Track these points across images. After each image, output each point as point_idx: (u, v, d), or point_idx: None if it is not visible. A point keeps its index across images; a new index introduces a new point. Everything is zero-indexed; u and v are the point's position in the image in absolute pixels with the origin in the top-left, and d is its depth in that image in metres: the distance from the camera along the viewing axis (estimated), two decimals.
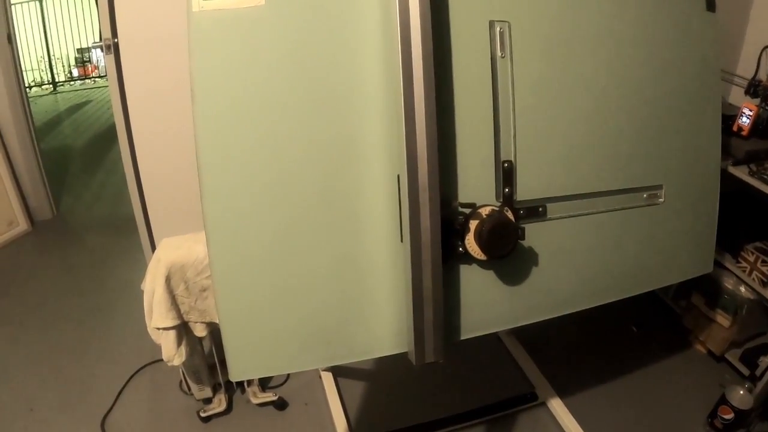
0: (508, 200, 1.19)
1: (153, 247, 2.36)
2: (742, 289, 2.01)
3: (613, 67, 1.29)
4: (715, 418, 1.86)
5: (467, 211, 1.15)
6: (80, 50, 6.84)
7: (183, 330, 1.68)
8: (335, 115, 1.07)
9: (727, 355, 2.10)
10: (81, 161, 4.36)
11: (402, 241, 1.10)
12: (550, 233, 1.27)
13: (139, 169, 1.79)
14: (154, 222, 1.85)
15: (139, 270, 2.58)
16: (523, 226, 1.17)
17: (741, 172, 1.82)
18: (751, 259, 1.95)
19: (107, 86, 6.76)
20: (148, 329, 1.69)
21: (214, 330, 1.73)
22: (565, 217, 1.28)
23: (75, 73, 6.94)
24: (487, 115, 1.15)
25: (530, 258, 1.26)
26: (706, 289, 2.12)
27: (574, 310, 1.36)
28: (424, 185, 1.04)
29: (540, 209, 1.24)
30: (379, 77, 1.06)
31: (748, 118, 1.89)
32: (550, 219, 1.26)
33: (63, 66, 6.88)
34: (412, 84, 1.01)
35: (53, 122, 5.43)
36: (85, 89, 6.70)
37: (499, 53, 1.14)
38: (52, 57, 6.66)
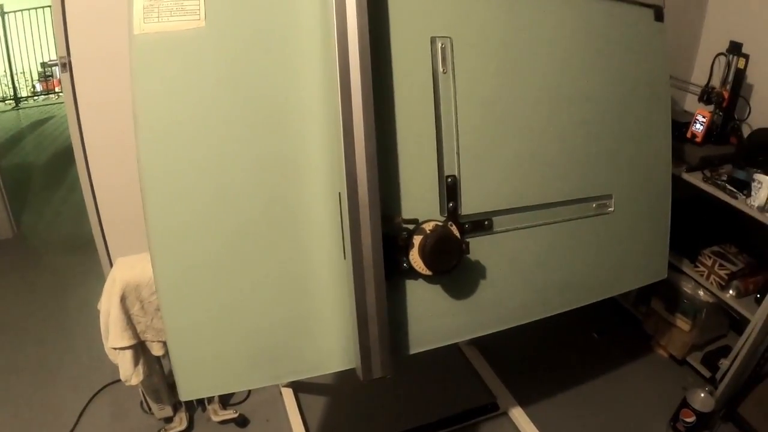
0: (452, 215, 1.19)
1: (111, 267, 2.34)
2: (701, 293, 2.03)
3: (560, 79, 1.31)
4: (677, 422, 1.88)
5: (411, 226, 1.15)
6: (43, 64, 6.73)
7: (140, 349, 1.66)
8: (277, 134, 1.07)
9: (688, 359, 2.13)
10: (42, 178, 4.30)
11: (345, 258, 1.10)
12: (498, 246, 1.28)
13: (94, 189, 1.77)
14: (110, 241, 1.83)
15: (100, 290, 2.57)
16: (468, 240, 1.17)
17: (695, 179, 1.85)
18: (709, 263, 1.98)
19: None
20: (105, 349, 1.67)
21: None
22: (512, 230, 1.29)
23: (38, 87, 6.85)
24: (430, 130, 1.16)
25: (478, 271, 1.27)
26: (665, 294, 2.15)
27: (525, 321, 1.37)
28: (365, 202, 1.04)
29: (486, 223, 1.25)
30: (319, 95, 1.07)
31: (701, 124, 1.92)
32: (497, 232, 1.27)
33: (26, 81, 6.77)
34: (350, 101, 1.01)
35: (14, 139, 5.35)
36: (48, 105, 6.61)
37: (440, 69, 1.15)
38: (14, 72, 6.56)
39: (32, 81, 6.83)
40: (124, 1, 1.52)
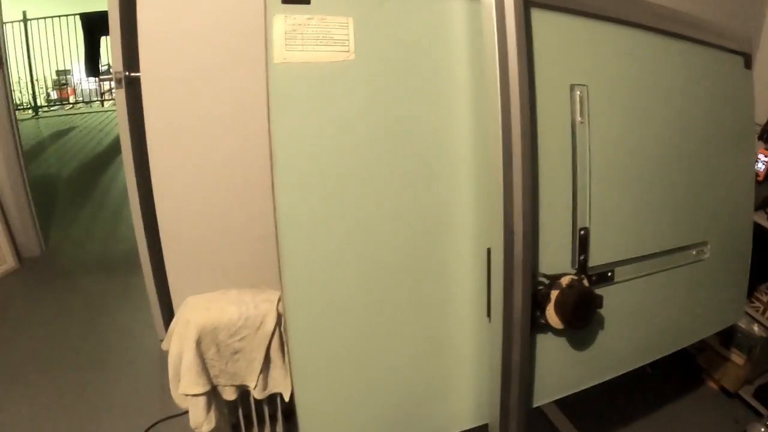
0: (583, 268, 1.17)
1: (162, 298, 2.24)
2: (756, 327, 2.06)
3: (673, 127, 1.30)
4: None
5: (546, 281, 1.12)
6: (59, 72, 6.52)
7: (212, 395, 1.59)
8: (426, 182, 1.02)
9: (741, 392, 2.15)
10: (68, 193, 4.12)
11: (489, 317, 1.06)
12: (615, 296, 1.26)
13: (158, 215, 1.67)
14: (172, 274, 1.73)
15: (139, 316, 2.45)
16: (601, 294, 1.15)
17: (760, 218, 1.87)
18: (765, 299, 2.01)
19: (91, 113, 6.52)
20: (173, 394, 1.59)
21: (243, 392, 1.65)
22: (629, 280, 1.28)
23: (53, 95, 6.64)
24: (567, 181, 1.13)
25: (597, 322, 1.25)
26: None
27: (631, 368, 1.36)
28: (519, 260, 1.01)
29: (609, 274, 1.23)
30: (468, 143, 1.03)
31: (763, 164, 1.96)
32: (617, 282, 1.25)
33: (40, 89, 6.55)
34: (511, 152, 0.98)
35: (36, 149, 5.13)
36: (67, 115, 6.39)
37: (578, 118, 1.13)
38: (34, 79, 6.33)
39: (47, 89, 6.60)
40: (205, 15, 1.44)
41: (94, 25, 5.13)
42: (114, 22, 1.50)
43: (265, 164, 0.97)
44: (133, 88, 1.91)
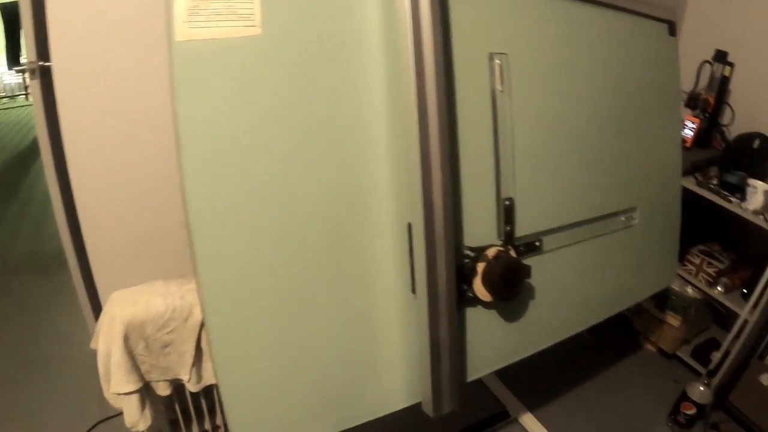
0: (509, 238, 1.16)
1: (91, 295, 2.14)
2: (689, 289, 2.12)
3: (597, 96, 1.30)
4: (678, 415, 1.95)
5: (472, 254, 1.11)
6: None
7: (146, 391, 1.52)
8: (341, 159, 0.99)
9: (678, 353, 2.21)
10: None
11: (414, 292, 1.04)
12: (544, 265, 1.26)
13: (78, 211, 1.58)
14: (99, 273, 1.65)
15: (74, 317, 2.33)
16: (529, 265, 1.15)
17: (689, 183, 1.91)
18: (697, 261, 2.06)
19: (15, 107, 6.16)
20: (106, 394, 1.52)
21: (177, 386, 1.59)
22: (558, 249, 1.28)
23: None
24: (489, 152, 1.12)
25: (527, 292, 1.25)
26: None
27: (566, 336, 1.38)
28: (440, 233, 0.99)
29: (537, 243, 1.23)
30: (385, 117, 1.00)
31: (691, 130, 2.00)
32: (545, 252, 1.25)
33: None
34: (427, 126, 0.95)
35: None
36: None
37: (498, 87, 1.11)
38: None
39: None
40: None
41: (13, 16, 4.86)
42: (25, 8, 1.40)
43: None
44: (48, 79, 1.80)
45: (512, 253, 1.15)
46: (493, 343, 1.21)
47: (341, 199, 0.99)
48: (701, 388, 1.92)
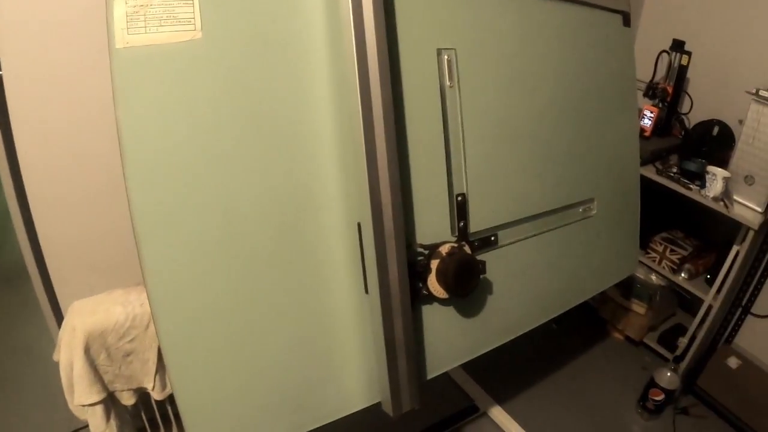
0: (463, 234, 1.17)
1: (54, 306, 2.10)
2: (653, 277, 2.14)
3: (550, 89, 1.31)
4: (646, 401, 1.97)
5: (425, 251, 1.11)
6: None
7: (110, 402, 1.50)
8: (287, 159, 0.97)
9: (645, 340, 2.24)
10: None
11: (367, 292, 1.04)
12: (502, 259, 1.27)
13: (34, 222, 1.56)
14: (59, 282, 1.63)
15: (39, 329, 2.28)
16: (483, 260, 1.15)
17: (649, 172, 1.93)
18: (660, 249, 2.09)
19: None
20: (70, 406, 1.50)
21: (142, 395, 1.57)
22: (515, 242, 1.28)
23: None
24: (439, 148, 1.11)
25: (485, 287, 1.25)
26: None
27: (528, 329, 1.38)
28: (390, 232, 0.99)
29: (492, 238, 1.23)
30: (330, 115, 0.99)
31: (649, 119, 2.02)
32: (502, 246, 1.26)
33: None
34: (372, 124, 0.94)
35: None
36: None
37: (447, 83, 1.11)
38: None
39: None
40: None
41: None
42: None
43: None
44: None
45: (467, 249, 1.15)
46: (451, 339, 1.21)
47: (290, 200, 0.99)
48: (668, 374, 1.95)
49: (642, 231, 2.12)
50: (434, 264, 1.09)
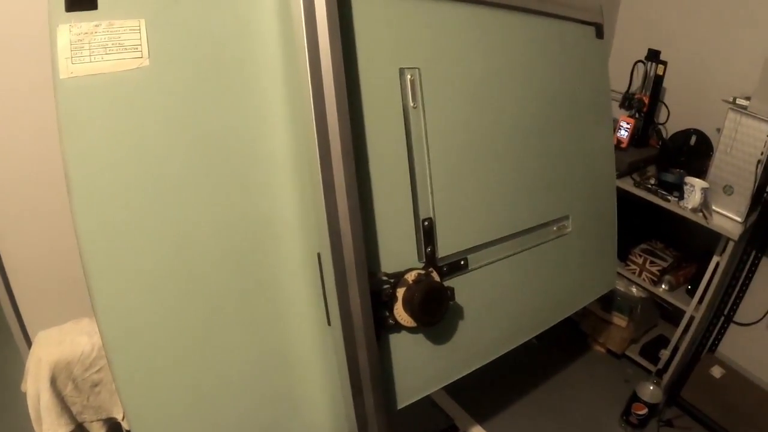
0: (431, 260, 1.14)
1: (25, 336, 2.06)
2: (634, 289, 2.13)
3: (520, 106, 1.29)
4: (629, 415, 1.95)
5: (391, 280, 1.08)
6: None
7: None
8: (243, 190, 0.94)
9: (627, 352, 2.22)
10: None
11: (329, 324, 1.01)
12: (473, 283, 1.24)
13: (1, 256, 1.53)
14: (24, 309, 1.59)
15: (14, 353, 2.24)
16: (452, 287, 1.12)
17: (627, 184, 1.92)
18: (640, 261, 2.07)
19: None
20: None
21: (113, 425, 1.53)
22: (485, 265, 1.26)
23: None
24: (403, 172, 1.08)
25: (456, 312, 1.22)
26: None
27: (503, 352, 1.35)
28: (350, 261, 0.96)
29: (462, 262, 1.20)
30: (287, 145, 0.96)
31: (626, 131, 2.00)
32: (472, 270, 1.23)
33: None
34: (329, 150, 0.91)
35: None
36: None
37: (411, 103, 1.08)
38: None
39: None
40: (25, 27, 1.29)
41: None
42: None
43: None
44: None
45: (435, 275, 1.12)
46: (422, 367, 1.18)
47: (246, 229, 0.95)
48: (651, 388, 1.93)
49: (621, 243, 2.10)
50: (400, 292, 1.06)
